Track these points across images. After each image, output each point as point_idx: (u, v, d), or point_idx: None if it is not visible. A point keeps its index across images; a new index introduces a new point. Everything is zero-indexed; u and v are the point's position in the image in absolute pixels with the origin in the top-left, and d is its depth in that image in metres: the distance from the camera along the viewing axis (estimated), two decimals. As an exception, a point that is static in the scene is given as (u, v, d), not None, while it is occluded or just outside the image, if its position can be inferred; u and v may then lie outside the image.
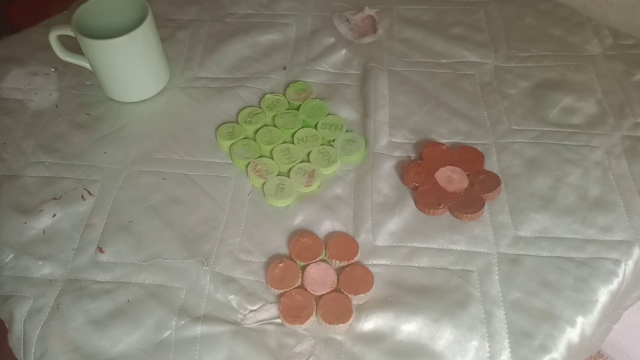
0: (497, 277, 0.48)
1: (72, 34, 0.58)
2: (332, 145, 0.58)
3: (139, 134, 0.60)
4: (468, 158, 0.55)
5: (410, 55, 0.66)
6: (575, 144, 0.57)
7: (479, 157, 0.56)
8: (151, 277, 0.49)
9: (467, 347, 0.45)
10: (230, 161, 0.57)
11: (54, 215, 0.53)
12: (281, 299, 0.47)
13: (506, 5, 0.71)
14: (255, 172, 0.55)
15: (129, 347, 0.45)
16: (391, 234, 0.51)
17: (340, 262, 0.49)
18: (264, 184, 0.55)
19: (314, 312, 0.46)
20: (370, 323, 0.46)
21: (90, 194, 0.55)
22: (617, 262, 0.49)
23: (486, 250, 0.50)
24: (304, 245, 0.50)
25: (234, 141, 0.58)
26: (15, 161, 0.58)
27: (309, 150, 0.57)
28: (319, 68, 0.66)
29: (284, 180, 0.55)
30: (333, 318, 0.45)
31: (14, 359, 0.48)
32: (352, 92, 0.63)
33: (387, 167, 0.56)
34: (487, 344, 0.45)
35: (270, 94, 0.63)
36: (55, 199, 0.54)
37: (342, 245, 0.50)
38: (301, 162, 0.56)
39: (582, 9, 0.71)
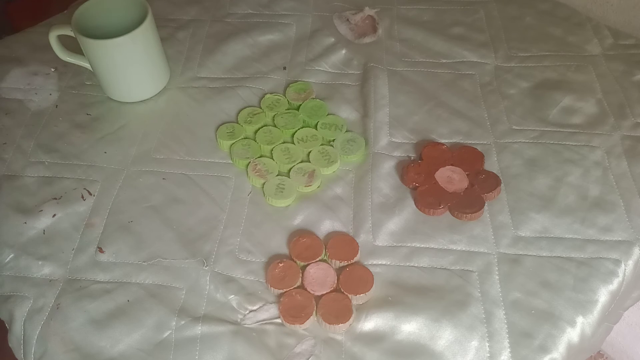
0: (497, 277, 0.48)
1: (72, 34, 0.58)
2: (332, 145, 0.58)
3: (139, 134, 0.60)
4: (468, 158, 0.55)
5: (410, 55, 0.66)
6: (575, 144, 0.57)
7: (479, 157, 0.56)
8: (151, 277, 0.49)
9: (467, 347, 0.45)
10: (230, 161, 0.57)
11: (54, 215, 0.53)
12: (281, 299, 0.47)
13: (506, 5, 0.71)
14: (255, 172, 0.55)
15: (129, 347, 0.45)
16: (391, 234, 0.51)
17: (340, 262, 0.49)
18: (264, 184, 0.55)
19: (314, 312, 0.46)
20: (370, 323, 0.46)
21: (90, 194, 0.55)
22: (617, 262, 0.49)
23: (486, 250, 0.50)
24: (304, 245, 0.50)
25: (234, 141, 0.58)
26: (15, 161, 0.58)
27: (309, 150, 0.57)
28: (319, 68, 0.66)
29: (284, 180, 0.55)
30: (333, 318, 0.45)
31: (14, 359, 0.48)
32: (352, 92, 0.63)
33: (387, 167, 0.56)
34: (487, 344, 0.45)
35: (270, 94, 0.63)
36: (55, 199, 0.54)
37: (342, 245, 0.50)
38: (301, 162, 0.56)
39: (582, 9, 0.71)
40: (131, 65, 0.60)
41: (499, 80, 0.63)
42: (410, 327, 0.46)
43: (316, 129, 0.59)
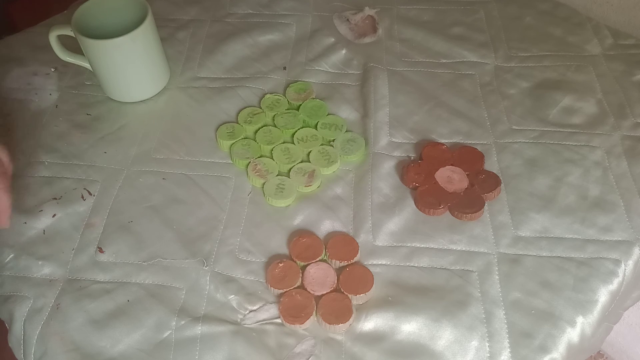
0: (497, 277, 0.48)
1: (72, 34, 0.58)
2: (332, 145, 0.58)
3: (139, 134, 0.60)
4: (468, 158, 0.55)
5: (410, 55, 0.66)
6: (575, 144, 0.57)
7: (479, 157, 0.56)
8: (151, 277, 0.49)
9: (467, 347, 0.45)
10: (230, 161, 0.57)
11: (54, 215, 0.53)
12: (281, 299, 0.47)
13: (506, 5, 0.71)
14: (255, 172, 0.55)
15: (129, 347, 0.45)
16: (391, 234, 0.51)
17: (340, 262, 0.49)
18: (264, 184, 0.55)
19: (314, 312, 0.46)
20: (370, 323, 0.46)
21: (90, 194, 0.55)
22: (617, 262, 0.49)
23: (486, 250, 0.50)
24: (304, 245, 0.50)
25: (234, 141, 0.58)
26: (15, 161, 0.58)
27: (309, 150, 0.57)
28: (319, 68, 0.66)
29: (284, 180, 0.55)
30: (333, 318, 0.45)
31: (14, 359, 0.48)
32: (352, 92, 0.63)
33: (387, 167, 0.56)
34: (487, 344, 0.45)
35: (270, 94, 0.63)
36: (55, 199, 0.54)
37: (342, 245, 0.50)
38: (301, 162, 0.56)
39: (582, 9, 0.71)
40: (131, 65, 0.60)
41: (499, 80, 0.63)
42: (410, 327, 0.46)
43: (316, 129, 0.59)
